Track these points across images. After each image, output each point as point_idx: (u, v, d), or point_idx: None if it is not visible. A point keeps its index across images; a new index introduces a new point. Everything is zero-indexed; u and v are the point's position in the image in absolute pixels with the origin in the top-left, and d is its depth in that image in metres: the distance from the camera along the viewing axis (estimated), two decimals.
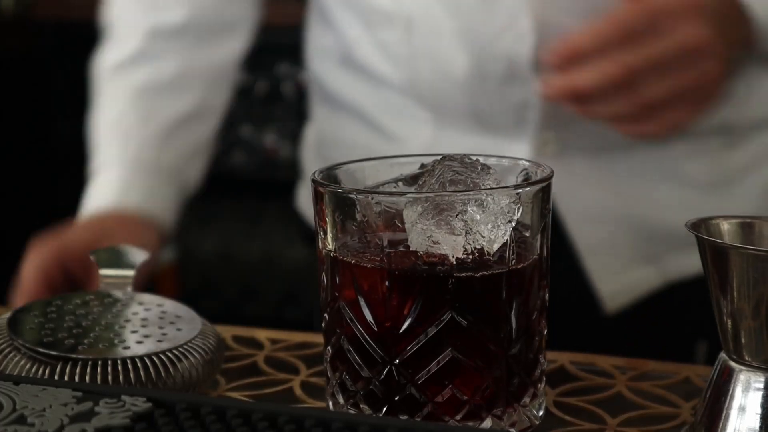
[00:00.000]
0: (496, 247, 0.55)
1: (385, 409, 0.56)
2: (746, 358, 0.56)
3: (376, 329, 0.55)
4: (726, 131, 0.99)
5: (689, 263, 0.98)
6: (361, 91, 1.04)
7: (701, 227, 0.57)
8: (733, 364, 0.56)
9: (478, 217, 0.54)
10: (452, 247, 0.54)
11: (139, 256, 0.73)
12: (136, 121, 1.10)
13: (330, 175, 0.60)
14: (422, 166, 0.60)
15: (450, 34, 0.95)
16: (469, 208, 0.54)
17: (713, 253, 0.55)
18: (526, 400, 0.58)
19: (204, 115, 1.12)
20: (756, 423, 0.55)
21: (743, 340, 0.56)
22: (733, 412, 0.56)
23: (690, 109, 0.91)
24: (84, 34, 2.50)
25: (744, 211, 0.65)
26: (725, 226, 0.58)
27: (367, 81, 1.03)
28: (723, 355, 0.57)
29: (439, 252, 0.55)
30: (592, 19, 0.89)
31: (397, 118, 1.01)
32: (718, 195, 0.99)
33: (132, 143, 1.09)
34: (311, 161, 1.14)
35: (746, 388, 0.56)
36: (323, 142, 1.11)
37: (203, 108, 1.11)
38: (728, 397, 0.56)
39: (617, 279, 0.99)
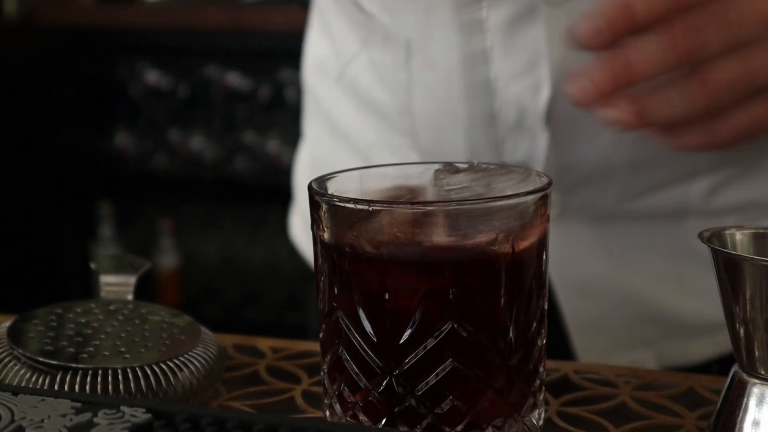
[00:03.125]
0: None
1: (384, 420, 0.56)
2: (760, 371, 0.55)
3: (375, 340, 0.55)
4: (747, 208, 0.90)
5: (692, 351, 0.91)
6: (353, 116, 0.96)
7: (714, 238, 0.57)
8: (746, 377, 0.56)
9: None
10: None
11: (140, 263, 0.73)
12: None
13: (327, 183, 0.60)
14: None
15: (453, 69, 0.87)
16: None
17: (726, 264, 0.55)
18: (526, 410, 0.57)
19: None
20: None
21: (757, 353, 0.55)
22: (747, 426, 0.55)
23: None
24: (87, 40, 2.51)
25: None
26: (739, 237, 0.58)
27: (360, 105, 0.95)
28: (736, 368, 0.57)
29: None
30: None
31: (387, 152, 0.94)
32: None
33: None
34: (304, 184, 1.06)
35: (760, 402, 0.55)
36: (316, 165, 1.04)
37: None
38: (741, 411, 0.56)
39: (608, 360, 0.90)
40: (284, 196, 2.41)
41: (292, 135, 2.39)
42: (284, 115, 2.39)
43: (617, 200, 0.88)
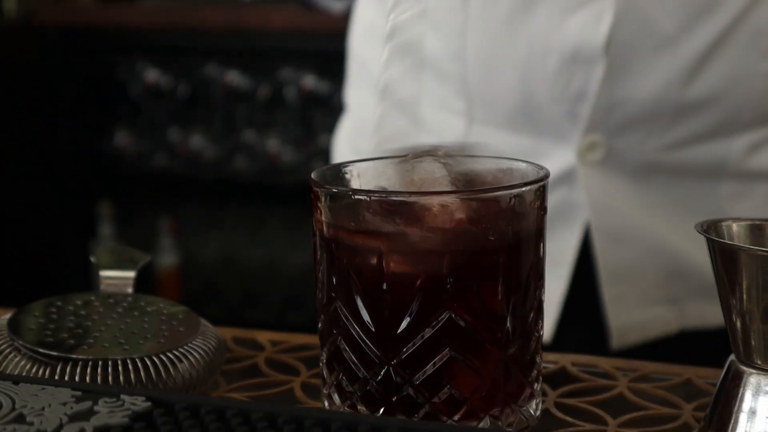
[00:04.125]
0: None
1: (382, 409, 0.56)
2: (756, 361, 0.56)
3: (373, 330, 0.55)
4: None
5: (711, 313, 0.93)
6: (400, 72, 0.94)
7: (711, 228, 0.57)
8: (742, 367, 0.56)
9: None
10: None
11: (140, 257, 0.73)
12: None
13: (327, 174, 0.60)
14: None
15: (515, 4, 0.89)
16: None
17: (723, 254, 0.55)
18: (524, 400, 0.58)
19: None
20: (766, 426, 0.55)
21: (753, 343, 0.55)
22: (743, 416, 0.56)
23: None
24: (87, 40, 2.51)
25: None
26: (735, 228, 0.58)
27: (409, 61, 0.93)
28: (732, 358, 0.57)
29: None
30: (675, 8, 0.85)
31: (433, 105, 0.95)
32: None
33: None
34: (342, 154, 1.08)
35: (756, 392, 0.56)
36: (359, 132, 1.05)
37: None
38: (738, 401, 0.56)
39: (632, 314, 0.94)
40: (284, 195, 2.42)
41: (291, 134, 2.39)
42: (284, 115, 2.40)
43: (660, 149, 0.90)
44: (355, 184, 0.61)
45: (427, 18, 0.92)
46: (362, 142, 1.02)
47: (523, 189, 0.56)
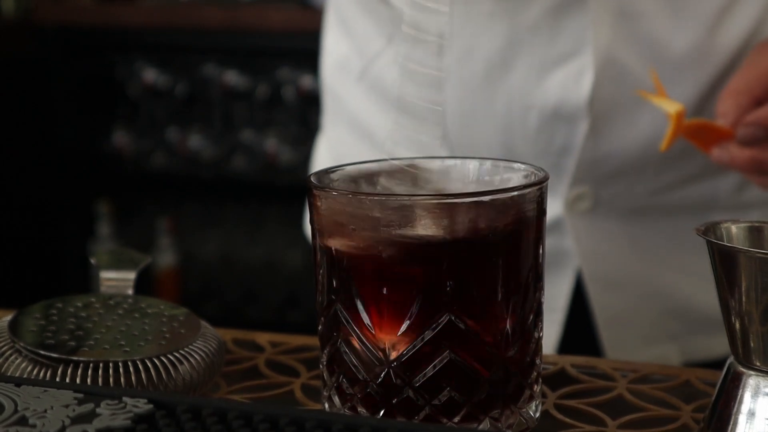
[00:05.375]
0: None
1: (382, 412, 0.56)
2: (755, 362, 0.56)
3: (373, 332, 0.56)
4: (765, 207, 0.93)
5: (715, 347, 0.93)
6: (376, 114, 0.96)
7: (710, 231, 0.57)
8: (742, 368, 0.57)
9: None
10: None
11: (140, 258, 0.73)
12: None
13: (326, 177, 0.60)
14: None
15: (493, 58, 0.87)
16: None
17: (722, 256, 0.55)
18: (523, 401, 0.58)
19: None
20: (765, 428, 0.55)
21: (752, 345, 0.56)
22: (742, 417, 0.56)
23: None
24: (85, 39, 2.51)
25: None
26: (734, 230, 0.59)
27: (384, 103, 0.95)
28: (732, 359, 0.57)
29: None
30: (654, 62, 0.84)
31: (413, 151, 0.95)
32: None
33: None
34: None
35: (755, 393, 0.56)
36: (335, 163, 1.05)
37: None
38: (737, 402, 0.56)
39: (632, 356, 0.93)
40: (283, 194, 2.42)
41: (290, 133, 2.39)
42: (282, 114, 2.40)
43: (649, 193, 0.89)
44: (352, 186, 0.61)
45: (402, 67, 0.91)
46: None
47: (523, 191, 0.57)
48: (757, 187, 0.88)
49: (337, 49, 1.02)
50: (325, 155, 1.09)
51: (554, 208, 0.90)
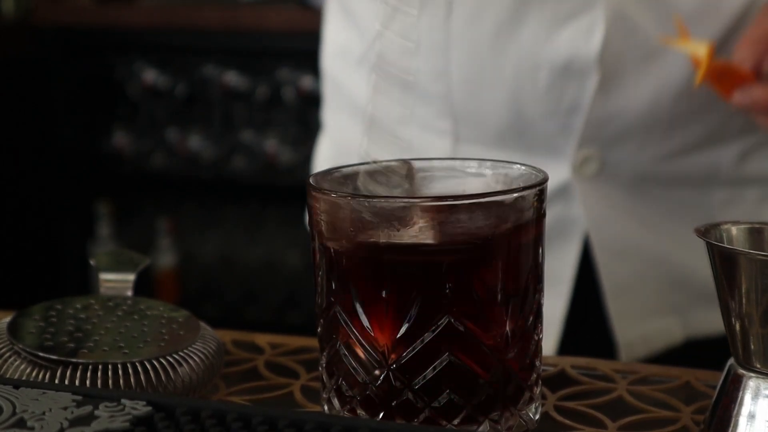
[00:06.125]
0: None
1: (382, 414, 0.56)
2: (755, 365, 0.56)
3: (372, 334, 0.55)
4: (763, 184, 0.95)
5: (715, 320, 0.95)
6: (379, 94, 0.98)
7: (710, 232, 0.57)
8: (742, 371, 0.56)
9: None
10: None
11: (139, 260, 0.73)
12: None
13: (325, 179, 0.60)
14: None
15: (502, 17, 0.87)
16: None
17: (722, 258, 0.55)
18: (523, 404, 0.58)
19: None
20: (765, 430, 0.55)
21: (752, 347, 0.56)
22: (743, 420, 0.56)
23: None
24: (85, 39, 2.51)
25: None
26: (734, 231, 0.58)
27: (386, 81, 0.97)
28: (732, 362, 0.57)
29: None
30: (664, 18, 0.85)
31: (416, 126, 0.94)
32: None
33: None
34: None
35: (755, 395, 0.56)
36: (339, 153, 1.04)
37: None
38: (737, 404, 0.56)
39: (638, 327, 0.94)
40: (282, 195, 2.42)
41: (290, 134, 2.39)
42: (282, 115, 2.40)
43: (654, 160, 0.90)
44: (352, 188, 0.61)
45: (405, 39, 0.92)
46: (345, 160, 1.01)
47: (522, 193, 0.57)
48: (755, 158, 0.90)
49: (337, 37, 1.03)
50: (326, 148, 1.09)
51: (561, 172, 0.90)
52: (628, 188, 0.92)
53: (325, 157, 1.09)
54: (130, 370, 0.61)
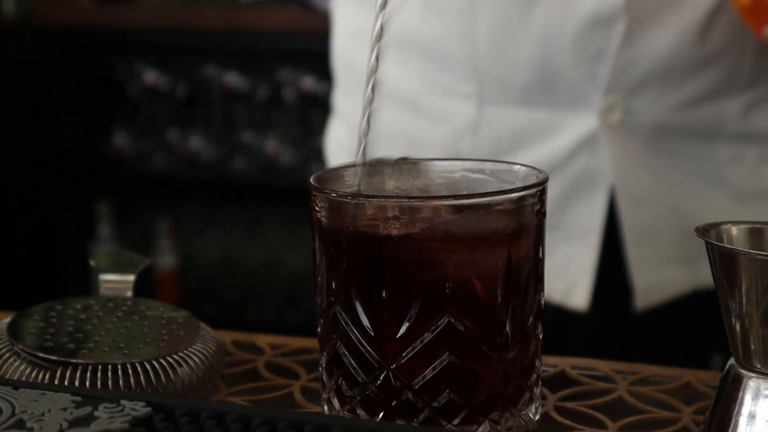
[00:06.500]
0: None
1: (381, 414, 0.56)
2: (756, 365, 0.56)
3: (372, 334, 0.55)
4: (764, 142, 0.99)
5: None
6: (397, 69, 1.00)
7: (711, 232, 0.57)
8: (742, 371, 0.56)
9: None
10: None
11: (139, 260, 0.73)
12: None
13: (324, 178, 0.60)
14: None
15: None
16: None
17: (722, 258, 0.55)
18: (523, 404, 0.58)
19: None
20: (765, 430, 0.55)
21: (753, 347, 0.56)
22: (743, 420, 0.56)
23: None
24: (85, 40, 2.51)
25: None
26: (735, 231, 0.58)
27: (406, 54, 0.99)
28: (732, 362, 0.57)
29: None
30: None
31: (437, 95, 0.98)
32: (753, 208, 0.99)
33: None
34: (339, 161, 1.08)
35: (756, 396, 0.56)
36: (354, 135, 1.07)
37: None
38: (737, 405, 0.56)
39: (653, 274, 0.98)
40: (283, 196, 2.42)
41: (290, 135, 2.39)
42: (282, 115, 2.40)
43: (671, 108, 0.94)
44: (353, 187, 0.61)
45: (428, 7, 0.94)
46: (368, 146, 1.02)
47: (523, 193, 0.57)
48: (759, 112, 0.95)
49: (351, 21, 1.05)
50: (340, 132, 1.10)
51: (587, 122, 0.94)
52: (646, 139, 0.96)
53: (339, 141, 1.11)
54: (130, 371, 0.61)
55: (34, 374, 0.61)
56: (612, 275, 0.98)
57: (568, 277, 0.98)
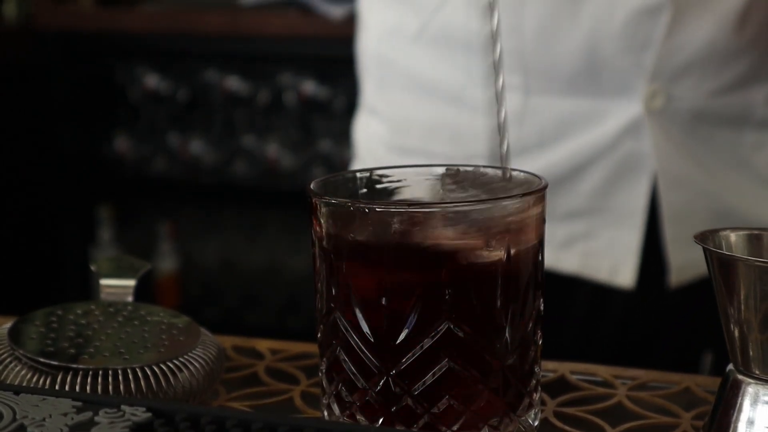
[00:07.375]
0: None
1: (381, 420, 0.56)
2: (754, 371, 0.56)
3: (372, 340, 0.56)
4: None
5: None
6: (438, 65, 1.02)
7: (709, 238, 0.57)
8: (741, 377, 0.56)
9: None
10: None
11: (140, 265, 0.73)
12: None
13: (325, 185, 0.60)
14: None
15: None
16: None
17: (721, 265, 0.55)
18: (522, 410, 0.58)
19: None
20: None
21: (751, 353, 0.56)
22: (742, 425, 0.56)
23: None
24: (86, 44, 2.51)
25: None
26: (733, 238, 0.59)
27: (447, 50, 1.01)
28: (731, 367, 0.57)
29: None
30: None
31: (482, 87, 1.00)
32: None
33: None
34: (383, 155, 1.10)
35: (754, 401, 0.56)
36: (397, 130, 1.08)
37: None
38: (736, 410, 0.56)
39: (688, 252, 1.00)
40: (283, 200, 2.42)
41: (291, 139, 2.39)
42: (283, 119, 2.40)
43: (708, 94, 0.98)
44: (355, 194, 0.61)
45: (473, 4, 0.96)
46: (408, 140, 1.05)
47: (522, 199, 0.57)
48: None
49: (384, 20, 1.07)
50: (377, 129, 1.11)
51: (632, 109, 0.97)
52: (685, 125, 0.99)
53: (376, 136, 1.11)
54: (131, 376, 0.61)
55: (34, 379, 0.61)
56: (651, 253, 1.02)
57: (614, 257, 1.01)
